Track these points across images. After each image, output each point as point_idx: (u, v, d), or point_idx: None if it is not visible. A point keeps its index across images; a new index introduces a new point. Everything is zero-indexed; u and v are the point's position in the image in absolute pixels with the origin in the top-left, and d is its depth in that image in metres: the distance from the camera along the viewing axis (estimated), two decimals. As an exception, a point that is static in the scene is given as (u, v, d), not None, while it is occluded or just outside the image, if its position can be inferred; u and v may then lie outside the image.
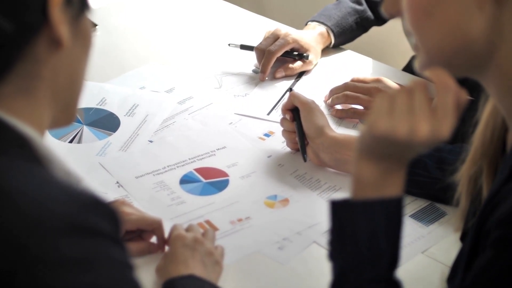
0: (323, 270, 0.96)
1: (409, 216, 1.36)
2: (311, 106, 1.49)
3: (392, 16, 0.90)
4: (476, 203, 0.98)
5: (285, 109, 1.52)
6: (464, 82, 0.89)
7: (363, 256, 0.91)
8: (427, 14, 0.85)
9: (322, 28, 1.89)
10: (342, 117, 1.67)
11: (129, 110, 1.69)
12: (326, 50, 1.92)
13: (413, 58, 1.93)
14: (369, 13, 1.93)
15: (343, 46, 1.97)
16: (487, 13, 0.82)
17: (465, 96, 0.85)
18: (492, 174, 0.96)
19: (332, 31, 1.89)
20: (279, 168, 1.51)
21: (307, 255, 1.29)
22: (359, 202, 0.91)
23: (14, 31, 0.74)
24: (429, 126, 0.84)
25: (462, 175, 1.02)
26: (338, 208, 0.93)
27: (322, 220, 1.31)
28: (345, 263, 0.93)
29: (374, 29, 2.01)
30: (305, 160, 1.49)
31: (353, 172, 0.93)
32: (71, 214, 0.71)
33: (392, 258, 0.92)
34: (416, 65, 0.91)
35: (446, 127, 0.84)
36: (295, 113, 1.51)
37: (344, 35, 1.92)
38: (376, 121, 0.87)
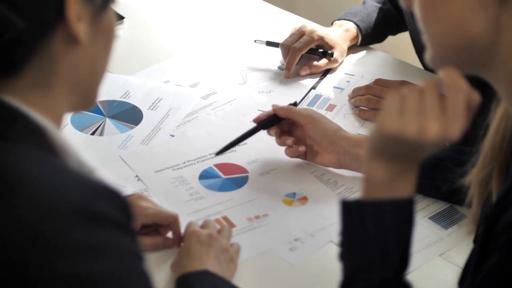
0: (338, 270, 0.96)
1: (428, 218, 1.34)
2: (314, 117, 1.46)
3: (409, 8, 0.90)
4: (487, 206, 0.97)
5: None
6: (477, 85, 0.87)
7: (371, 257, 0.90)
8: (432, 9, 0.85)
9: (349, 24, 1.88)
10: (364, 118, 1.65)
11: (153, 103, 1.69)
12: (353, 48, 1.91)
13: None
14: (394, 11, 1.91)
15: (371, 46, 1.95)
16: (490, 13, 0.82)
17: (476, 97, 0.84)
18: (502, 178, 0.95)
19: (359, 27, 1.87)
20: (299, 166, 1.50)
21: (323, 254, 1.28)
22: (368, 202, 0.90)
23: (27, 27, 0.74)
24: (439, 125, 0.82)
25: (472, 179, 1.00)
26: (348, 208, 0.93)
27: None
28: (354, 263, 0.92)
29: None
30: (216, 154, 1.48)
31: (364, 173, 0.92)
32: (83, 201, 0.72)
33: (402, 259, 0.91)
34: (426, 60, 0.90)
35: (456, 127, 0.83)
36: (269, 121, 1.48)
37: (371, 32, 1.89)
38: (386, 120, 0.86)
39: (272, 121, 1.48)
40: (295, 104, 1.51)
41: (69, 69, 0.80)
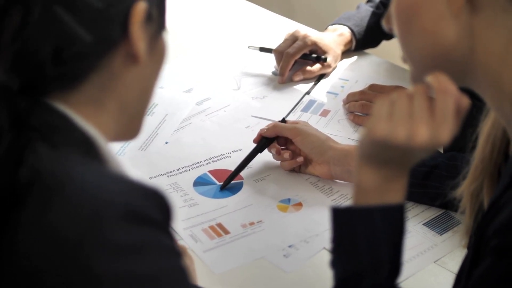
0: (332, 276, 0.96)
1: (423, 224, 1.34)
2: (300, 129, 1.46)
3: (390, 30, 0.91)
4: (478, 217, 0.97)
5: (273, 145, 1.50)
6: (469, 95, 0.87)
7: (362, 263, 0.90)
8: (407, 24, 0.87)
9: (343, 29, 1.87)
10: (359, 123, 1.65)
11: (149, 109, 1.68)
12: (348, 53, 1.90)
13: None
14: None
15: (365, 51, 1.95)
16: (462, 21, 0.83)
17: (466, 101, 0.84)
18: (493, 189, 0.95)
19: (353, 31, 1.87)
20: (294, 172, 1.50)
21: (317, 261, 1.27)
22: (359, 209, 0.90)
23: (92, 42, 0.76)
24: (428, 130, 0.82)
25: (464, 191, 1.01)
26: (339, 215, 0.92)
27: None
28: (345, 270, 0.92)
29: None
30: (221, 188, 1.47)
31: (355, 179, 0.92)
32: (130, 202, 0.74)
33: (393, 265, 0.90)
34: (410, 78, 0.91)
35: (445, 132, 0.83)
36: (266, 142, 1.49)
37: (366, 36, 1.89)
38: (375, 125, 0.86)
39: (265, 144, 1.49)
40: (283, 120, 1.51)
41: (124, 89, 0.82)
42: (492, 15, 0.82)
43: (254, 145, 1.50)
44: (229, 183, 1.46)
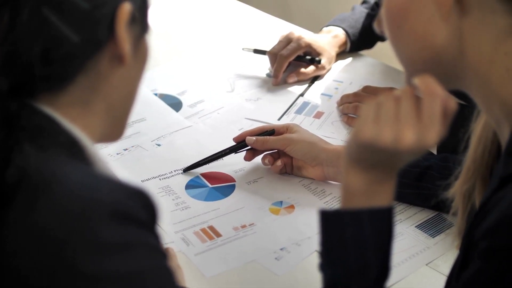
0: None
1: (415, 226, 1.33)
2: (288, 138, 1.45)
3: (382, 33, 0.92)
4: (470, 219, 0.96)
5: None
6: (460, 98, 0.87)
7: (350, 267, 0.89)
8: (398, 28, 0.87)
9: (337, 30, 1.87)
10: (352, 125, 1.64)
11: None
12: (342, 55, 1.90)
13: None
14: None
15: (360, 52, 1.94)
16: (452, 24, 0.83)
17: (453, 103, 0.83)
18: (485, 189, 0.94)
19: (347, 32, 1.86)
20: (286, 175, 1.49)
21: (308, 264, 1.26)
22: (347, 212, 0.89)
23: (80, 43, 0.77)
24: (415, 133, 0.82)
25: (456, 192, 1.00)
26: (327, 218, 0.92)
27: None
28: (333, 274, 0.91)
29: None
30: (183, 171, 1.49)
31: (342, 182, 0.91)
32: (116, 201, 0.74)
33: (381, 269, 0.90)
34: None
35: (432, 134, 0.82)
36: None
37: (360, 38, 1.89)
38: (362, 128, 0.85)
39: (244, 145, 1.49)
40: (272, 132, 1.49)
41: (110, 90, 0.83)
42: (481, 16, 0.82)
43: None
44: (192, 168, 1.49)
